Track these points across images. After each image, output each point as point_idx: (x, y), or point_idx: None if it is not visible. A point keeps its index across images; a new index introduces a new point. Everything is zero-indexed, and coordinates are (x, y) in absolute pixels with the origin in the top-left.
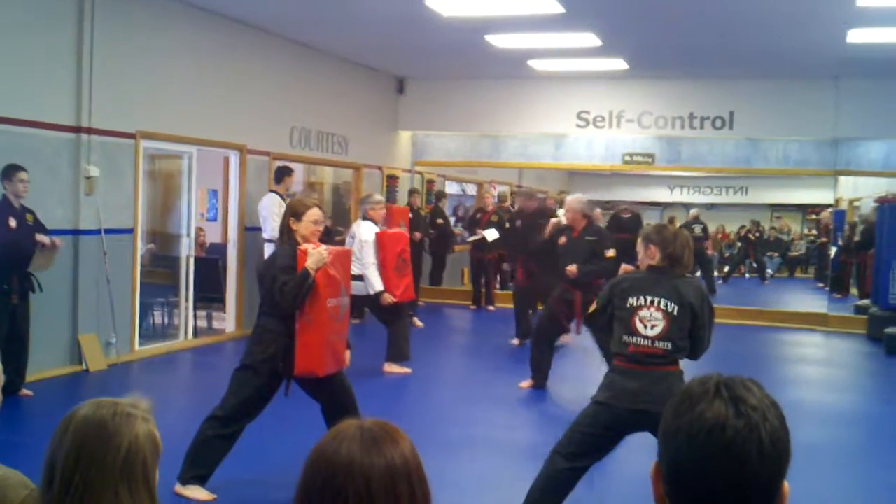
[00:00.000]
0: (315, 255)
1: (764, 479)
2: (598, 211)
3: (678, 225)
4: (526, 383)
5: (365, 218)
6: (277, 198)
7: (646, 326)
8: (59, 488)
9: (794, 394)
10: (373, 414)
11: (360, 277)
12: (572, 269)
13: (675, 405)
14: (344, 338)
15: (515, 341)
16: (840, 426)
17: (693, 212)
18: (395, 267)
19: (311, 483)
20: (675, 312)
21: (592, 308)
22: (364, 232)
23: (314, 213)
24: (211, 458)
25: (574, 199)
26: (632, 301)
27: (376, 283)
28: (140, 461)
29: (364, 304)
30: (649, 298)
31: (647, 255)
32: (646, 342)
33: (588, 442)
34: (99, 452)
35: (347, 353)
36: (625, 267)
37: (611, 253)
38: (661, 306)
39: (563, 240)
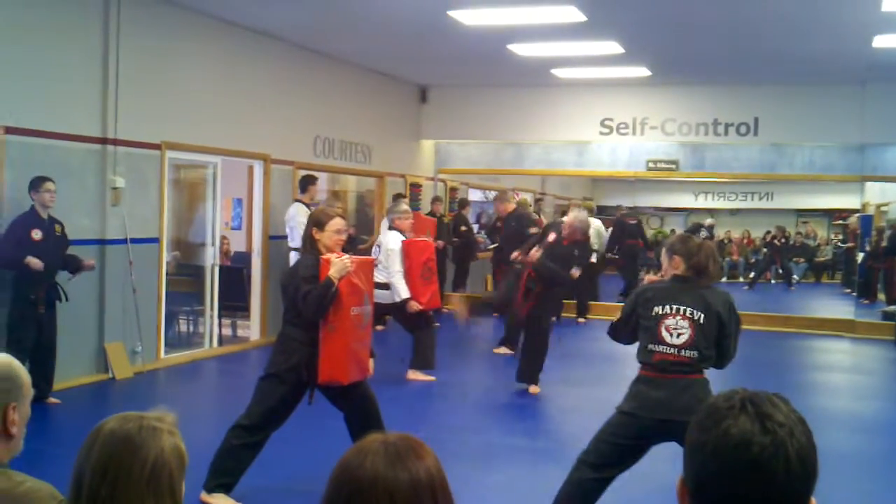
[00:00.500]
0: (338, 264)
1: (791, 497)
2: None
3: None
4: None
5: (391, 227)
6: (303, 207)
7: (671, 335)
8: (86, 501)
9: (821, 401)
10: (395, 421)
11: (385, 286)
12: (536, 253)
13: (700, 420)
14: (367, 346)
15: (502, 349)
16: (868, 434)
17: (708, 221)
18: (422, 275)
19: (335, 498)
20: (702, 321)
21: (617, 318)
22: (391, 241)
23: (337, 223)
24: (236, 467)
25: (579, 216)
26: (657, 310)
27: (402, 291)
28: (166, 474)
29: (390, 313)
30: (675, 307)
31: (672, 266)
32: (672, 350)
33: (614, 452)
34: (125, 466)
35: (371, 362)
36: (649, 277)
37: (576, 272)
38: (688, 314)
39: (552, 237)
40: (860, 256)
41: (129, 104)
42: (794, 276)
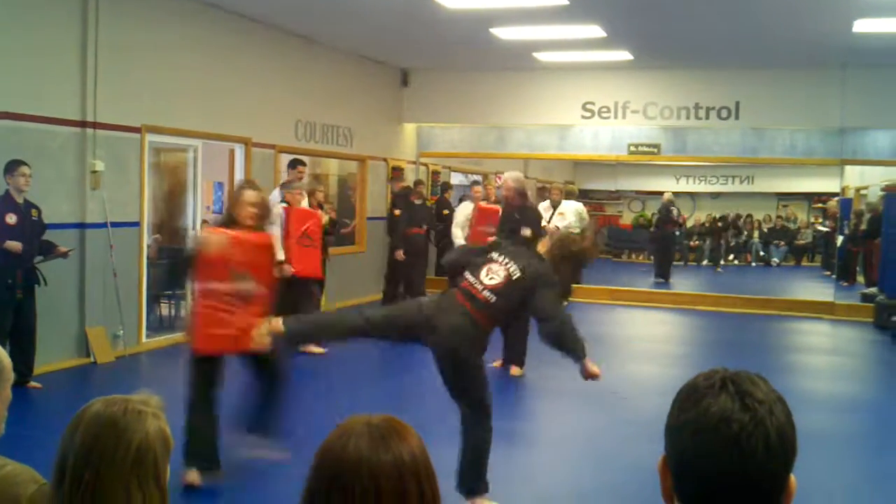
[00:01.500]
0: (212, 239)
1: (770, 473)
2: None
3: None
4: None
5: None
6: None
7: (487, 275)
8: (69, 485)
9: (801, 382)
10: (382, 405)
11: None
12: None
13: (680, 400)
14: (236, 322)
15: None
16: (847, 414)
17: (667, 195)
18: (299, 241)
19: (318, 480)
20: (514, 278)
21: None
22: (277, 206)
23: (248, 196)
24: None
25: (511, 175)
26: (493, 255)
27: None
28: (151, 458)
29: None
30: (504, 259)
31: (542, 245)
32: (479, 285)
33: (389, 324)
34: (109, 449)
35: (262, 335)
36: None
37: (527, 232)
38: (508, 268)
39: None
40: (839, 239)
41: (109, 87)
42: (774, 260)
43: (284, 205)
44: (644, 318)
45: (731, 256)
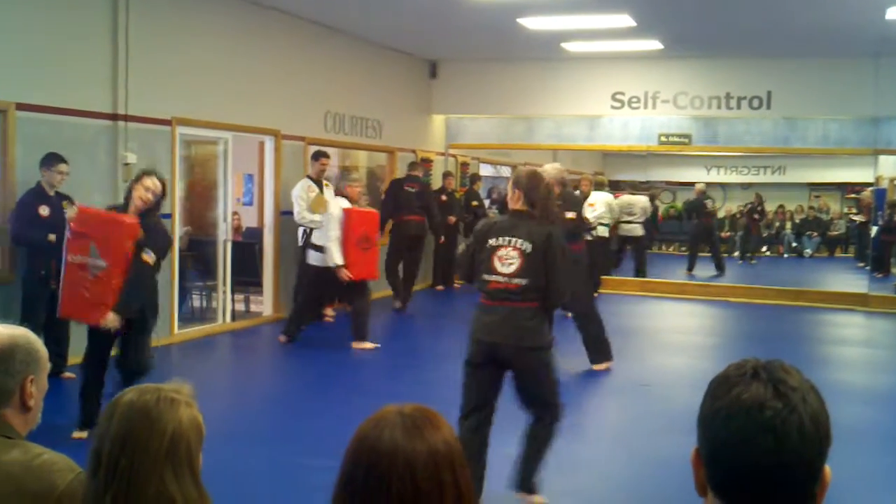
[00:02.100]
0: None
1: (805, 460)
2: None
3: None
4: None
5: (341, 194)
6: (307, 182)
7: (503, 264)
8: (105, 473)
9: (835, 375)
10: (403, 393)
11: (322, 249)
12: None
13: (712, 389)
14: (92, 295)
15: None
16: (882, 407)
17: (699, 186)
18: (358, 244)
19: (353, 470)
20: (528, 251)
21: (461, 248)
22: (335, 206)
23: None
24: None
25: (551, 166)
26: (492, 241)
27: (336, 257)
28: (184, 446)
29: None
30: (507, 239)
31: (512, 199)
32: (503, 279)
33: (471, 392)
34: (143, 438)
35: (111, 315)
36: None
37: (571, 215)
38: (518, 245)
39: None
40: (873, 230)
41: (140, 80)
42: (807, 250)
43: (346, 205)
44: (674, 309)
45: (763, 248)
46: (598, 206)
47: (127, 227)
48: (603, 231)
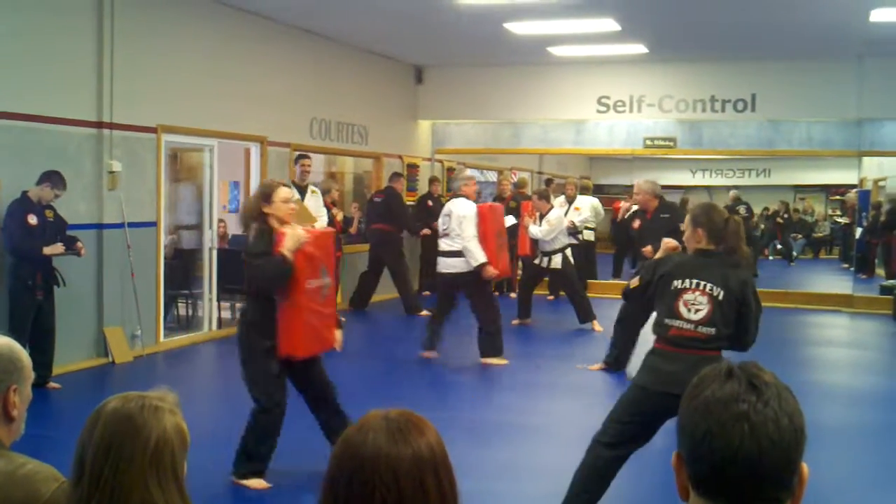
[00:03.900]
0: (293, 236)
1: (781, 450)
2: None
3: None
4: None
5: (457, 195)
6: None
7: (689, 310)
8: (88, 482)
9: (820, 376)
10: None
11: (456, 254)
12: (648, 249)
13: (689, 391)
14: (330, 319)
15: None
16: (866, 408)
17: (733, 193)
18: (497, 241)
19: (338, 475)
20: (721, 298)
21: (634, 284)
22: (461, 208)
23: (283, 193)
24: (268, 447)
25: (644, 181)
26: (677, 283)
27: (478, 255)
28: (168, 454)
29: (459, 286)
30: (695, 282)
31: (694, 238)
32: (688, 326)
33: (627, 430)
34: (128, 446)
35: (338, 334)
36: (668, 243)
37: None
38: (707, 290)
39: (637, 223)
40: (858, 231)
41: (125, 88)
42: (794, 253)
43: (470, 202)
44: None
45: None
46: (583, 210)
47: (333, 237)
48: (589, 235)
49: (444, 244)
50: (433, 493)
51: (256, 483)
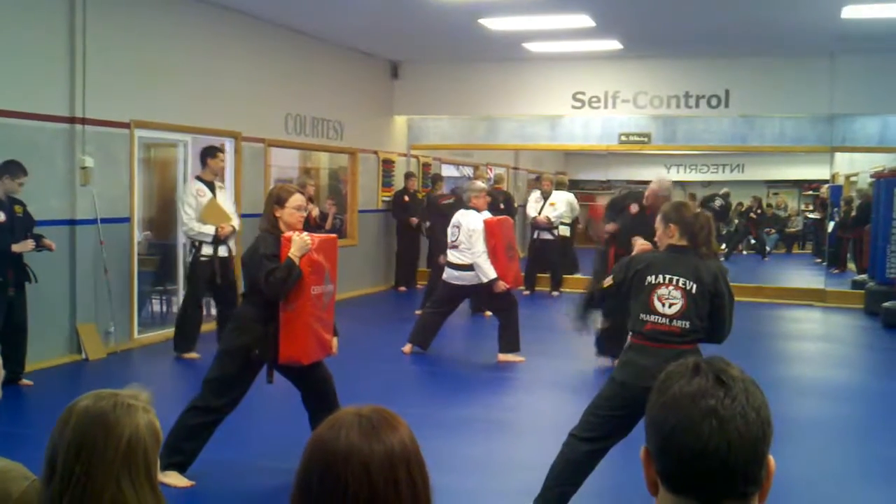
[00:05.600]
0: (299, 242)
1: (748, 442)
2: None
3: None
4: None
5: (468, 207)
6: (198, 184)
7: (664, 304)
8: (60, 480)
9: (793, 369)
10: (377, 397)
11: (468, 267)
12: (612, 226)
13: (657, 386)
14: (329, 325)
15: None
16: (838, 401)
17: (724, 191)
18: (507, 253)
19: (310, 471)
20: (694, 291)
21: (608, 283)
22: (471, 221)
23: (297, 199)
24: (191, 447)
25: (662, 180)
26: (650, 279)
27: (489, 271)
28: (141, 452)
29: (470, 295)
30: (668, 277)
31: (667, 234)
32: (663, 320)
33: (605, 424)
34: (100, 444)
35: (335, 341)
36: (641, 244)
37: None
38: (680, 285)
39: (635, 208)
40: (830, 226)
41: (97, 82)
42: (768, 248)
43: (480, 215)
44: None
45: (721, 245)
46: (559, 205)
47: (336, 242)
48: (564, 230)
49: (453, 256)
50: (405, 489)
51: (175, 479)
